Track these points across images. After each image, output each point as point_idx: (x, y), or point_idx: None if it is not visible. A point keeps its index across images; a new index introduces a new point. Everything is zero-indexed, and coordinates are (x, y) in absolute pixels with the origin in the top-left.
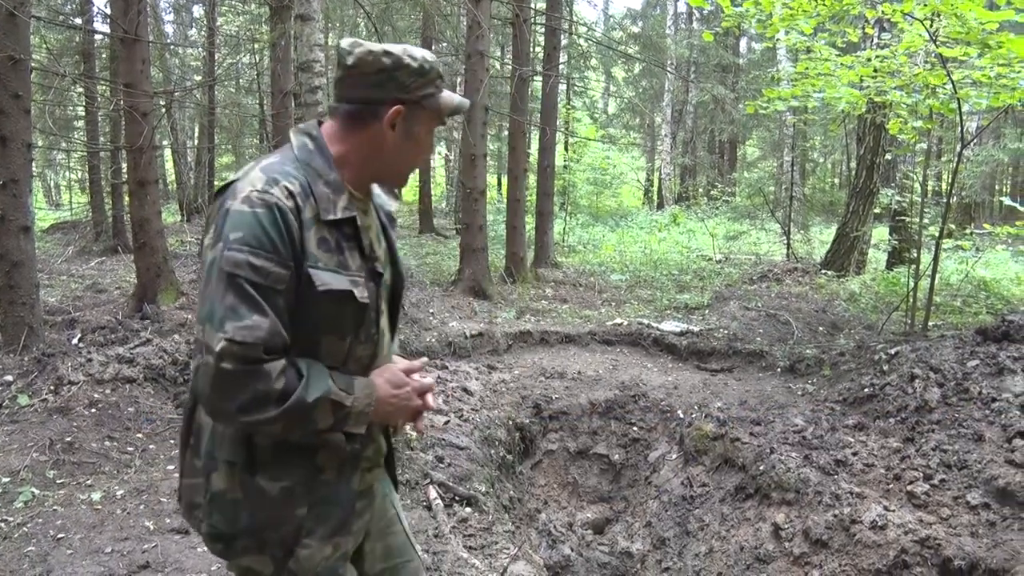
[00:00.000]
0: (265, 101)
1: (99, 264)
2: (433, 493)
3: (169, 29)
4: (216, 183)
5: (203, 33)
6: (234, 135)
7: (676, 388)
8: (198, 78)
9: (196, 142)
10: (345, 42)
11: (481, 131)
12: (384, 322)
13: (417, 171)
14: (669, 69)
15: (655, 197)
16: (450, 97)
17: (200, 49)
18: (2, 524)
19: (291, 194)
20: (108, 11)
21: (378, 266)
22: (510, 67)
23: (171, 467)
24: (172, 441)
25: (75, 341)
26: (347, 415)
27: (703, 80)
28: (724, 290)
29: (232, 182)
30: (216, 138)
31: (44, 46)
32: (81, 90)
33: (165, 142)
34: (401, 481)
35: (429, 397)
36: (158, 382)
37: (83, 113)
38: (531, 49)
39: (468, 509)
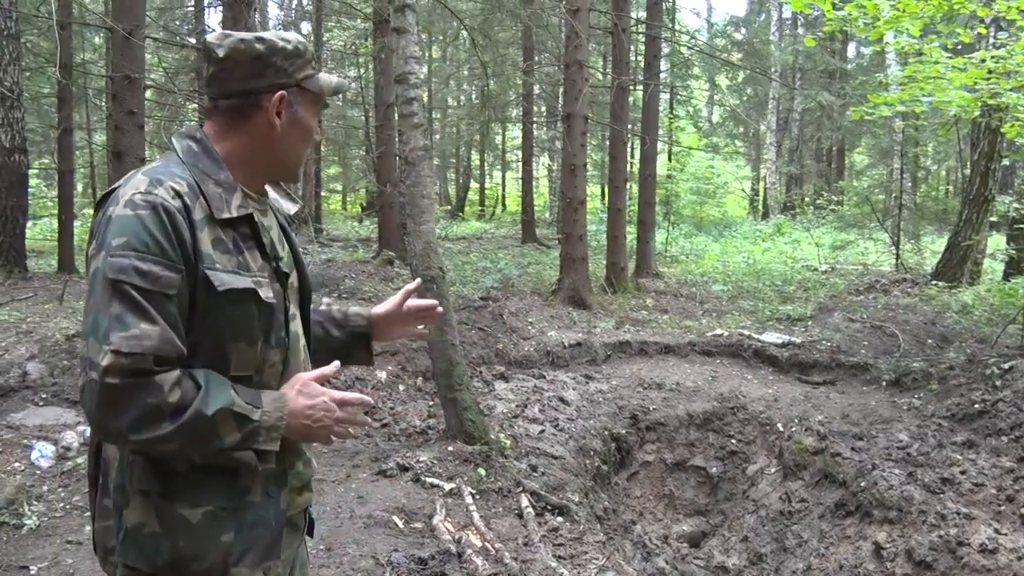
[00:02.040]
0: (370, 113)
1: None
2: (525, 501)
3: None
4: (323, 194)
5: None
6: (340, 147)
7: (776, 400)
8: None
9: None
10: (212, 36)
11: (581, 141)
12: (297, 327)
13: (520, 182)
14: (773, 76)
15: (760, 206)
16: (328, 77)
17: None
18: (88, 528)
19: (178, 194)
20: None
21: (283, 266)
22: (610, 76)
23: None
24: None
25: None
26: (255, 430)
27: (808, 87)
28: (828, 301)
29: (114, 189)
30: (323, 150)
31: (161, 65)
32: (194, 106)
33: None
34: (493, 489)
35: (351, 410)
36: None
37: None
38: (631, 58)
39: (560, 518)
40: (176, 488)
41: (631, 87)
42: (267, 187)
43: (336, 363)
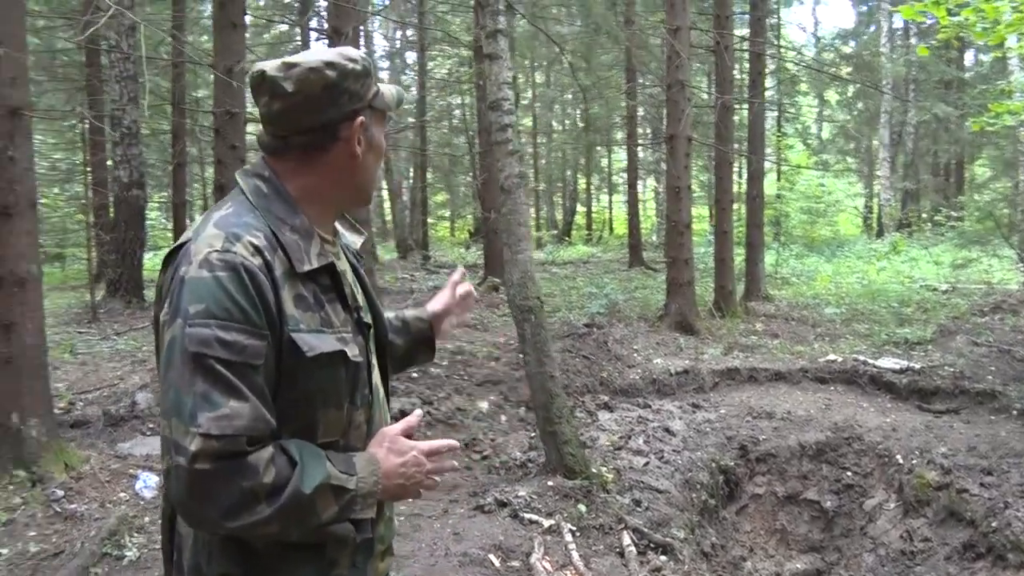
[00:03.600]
0: (474, 139)
1: None
2: (627, 539)
3: (384, 75)
4: (431, 220)
5: (415, 77)
6: (445, 173)
7: (895, 430)
8: (412, 120)
9: (411, 182)
10: (271, 67)
11: (684, 163)
12: (377, 378)
13: (625, 204)
14: (885, 89)
15: (875, 224)
16: (390, 89)
17: (413, 92)
18: None
19: (257, 249)
20: None
21: (364, 315)
22: (714, 96)
23: None
24: None
25: None
26: (352, 500)
27: (923, 98)
28: (950, 323)
29: (183, 243)
30: (429, 177)
31: None
32: None
33: (385, 183)
34: (594, 525)
35: (440, 458)
36: None
37: None
38: (739, 76)
39: (663, 557)
40: (260, 569)
41: (736, 106)
42: None
43: (419, 412)
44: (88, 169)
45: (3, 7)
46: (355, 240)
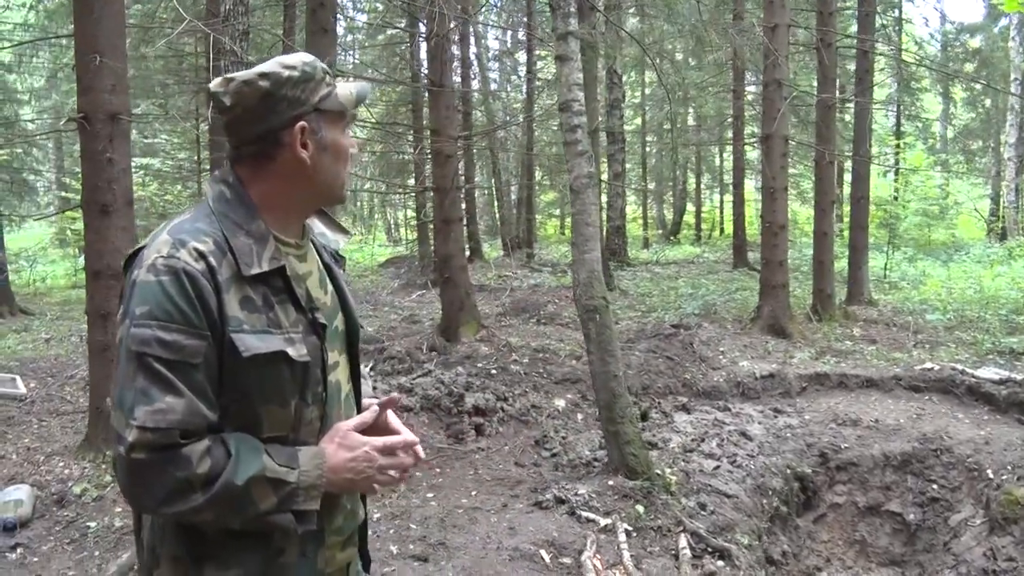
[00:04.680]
0: None
1: (419, 296)
2: (683, 542)
3: (493, 75)
4: (539, 219)
5: (524, 78)
6: (551, 172)
7: (987, 444)
8: (522, 119)
9: (519, 180)
10: (215, 84)
11: (780, 163)
12: (338, 376)
13: (731, 204)
14: (1002, 87)
15: (999, 228)
16: (346, 88)
17: (520, 92)
18: None
19: (201, 255)
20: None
21: (319, 316)
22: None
23: (430, 495)
24: (437, 470)
25: (366, 370)
26: (293, 492)
27: None
28: None
29: (141, 248)
30: (538, 175)
31: (383, 100)
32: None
33: (493, 181)
34: (651, 527)
35: (401, 455)
36: (433, 412)
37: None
38: (849, 73)
39: (720, 562)
40: (206, 552)
41: (843, 104)
42: (315, 219)
43: (375, 408)
44: (208, 168)
45: (103, 22)
46: (338, 239)
